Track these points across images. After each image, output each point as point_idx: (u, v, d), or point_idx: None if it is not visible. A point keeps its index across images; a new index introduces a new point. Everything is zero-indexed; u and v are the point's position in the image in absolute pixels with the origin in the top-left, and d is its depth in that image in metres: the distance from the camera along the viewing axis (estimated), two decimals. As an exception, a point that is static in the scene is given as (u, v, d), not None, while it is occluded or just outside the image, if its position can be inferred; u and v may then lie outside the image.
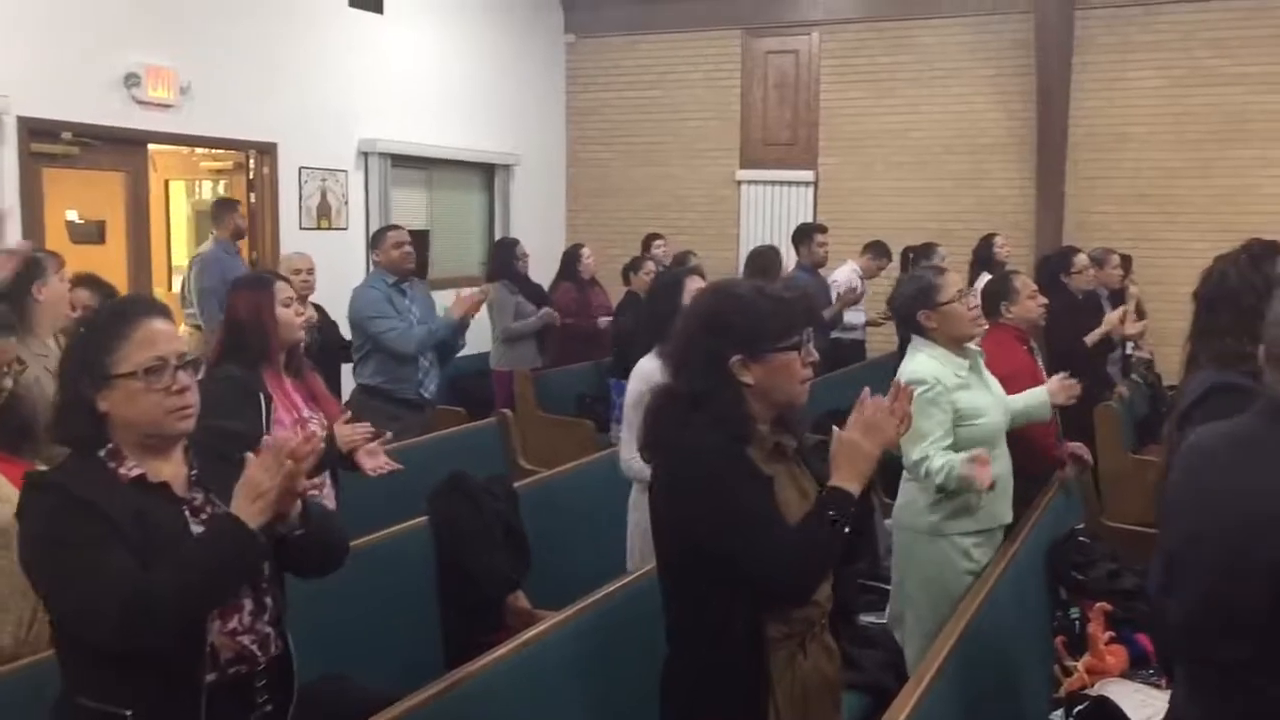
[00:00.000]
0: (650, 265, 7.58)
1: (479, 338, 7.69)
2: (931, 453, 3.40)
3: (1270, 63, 8.52)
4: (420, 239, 8.02)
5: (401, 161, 8.92)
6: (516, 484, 4.26)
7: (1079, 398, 4.08)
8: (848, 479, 2.12)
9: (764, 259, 7.09)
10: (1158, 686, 3.32)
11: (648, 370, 3.38)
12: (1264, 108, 8.55)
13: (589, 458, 4.90)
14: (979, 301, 4.00)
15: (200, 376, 2.06)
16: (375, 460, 3.28)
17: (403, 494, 3.86)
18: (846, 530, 2.09)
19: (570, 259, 7.91)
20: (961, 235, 8.65)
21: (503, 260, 7.41)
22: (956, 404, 3.49)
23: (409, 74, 8.93)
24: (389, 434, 3.42)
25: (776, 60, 10.18)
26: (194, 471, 2.04)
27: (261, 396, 3.22)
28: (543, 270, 8.08)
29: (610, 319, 7.57)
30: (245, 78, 7.42)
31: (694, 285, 3.52)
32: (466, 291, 5.69)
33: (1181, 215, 8.79)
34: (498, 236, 9.40)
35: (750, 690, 2.15)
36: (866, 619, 4.13)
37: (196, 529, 1.97)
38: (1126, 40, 8.93)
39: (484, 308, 5.85)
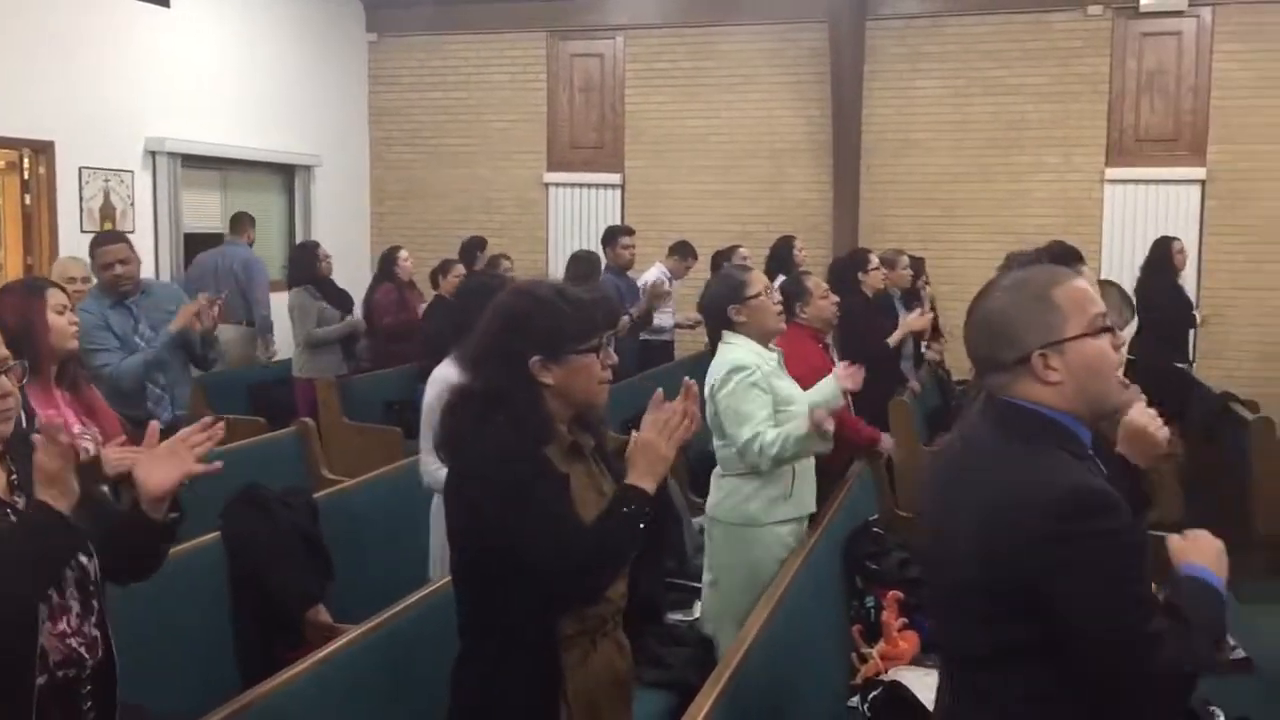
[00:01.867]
0: (459, 269, 7.50)
1: (286, 345, 7.44)
2: (761, 430, 3.51)
3: (1044, 74, 9.09)
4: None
5: (193, 162, 8.54)
6: (318, 494, 4.13)
7: (876, 392, 4.26)
8: (642, 477, 2.15)
9: (585, 264, 7.11)
10: (946, 668, 3.47)
11: (444, 376, 3.33)
12: (1038, 117, 9.12)
13: (393, 465, 4.79)
14: (781, 298, 4.13)
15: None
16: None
17: (194, 510, 3.67)
18: (641, 527, 2.12)
19: (388, 261, 7.74)
20: (763, 237, 8.85)
21: (303, 264, 7.17)
22: (775, 391, 3.61)
23: (201, 70, 8.56)
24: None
25: (582, 63, 10.23)
26: (14, 476, 2.00)
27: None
28: (347, 274, 7.87)
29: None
30: (16, 71, 6.96)
31: None
32: (188, 308, 4.93)
33: (967, 218, 9.28)
34: (299, 239, 9.11)
35: (541, 687, 2.16)
36: (675, 617, 4.19)
37: None
38: (914, 50, 9.37)
39: (287, 312, 5.57)
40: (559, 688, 2.16)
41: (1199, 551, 1.85)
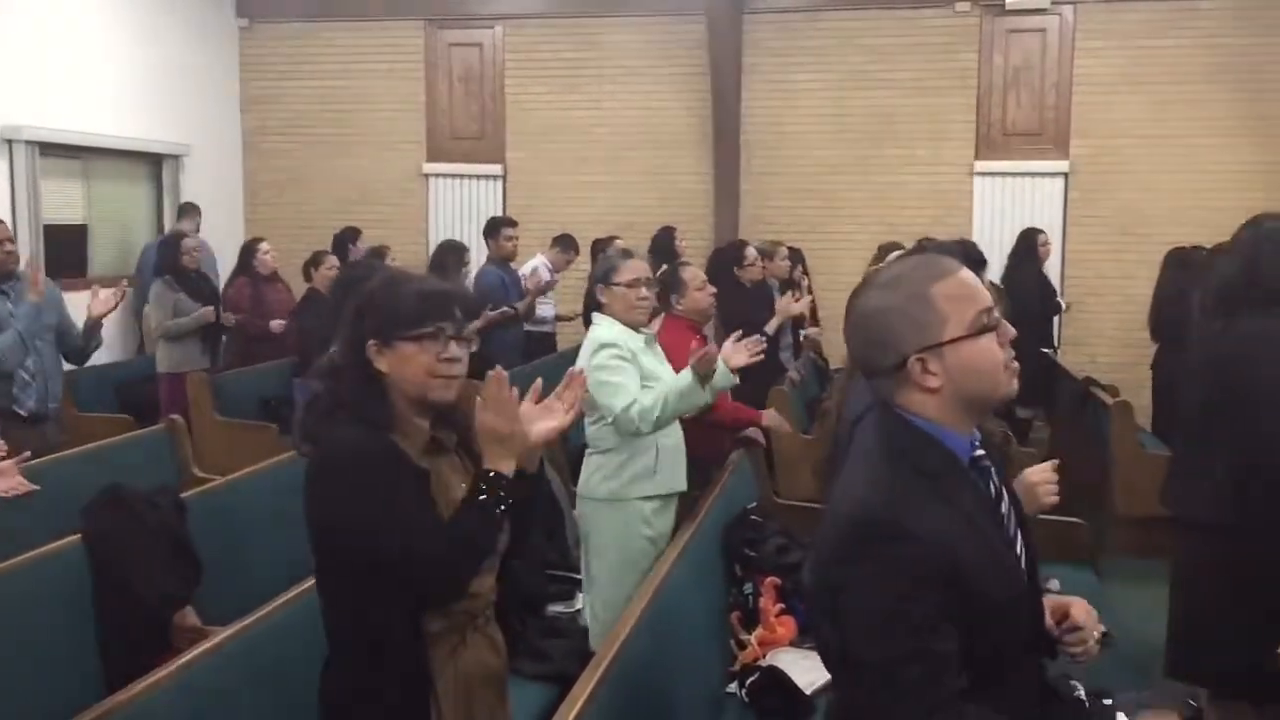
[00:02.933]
0: (332, 260, 7.35)
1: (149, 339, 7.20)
2: (638, 396, 3.56)
3: (915, 69, 9.32)
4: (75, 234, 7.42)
5: (52, 150, 8.19)
6: (188, 493, 4.02)
7: (755, 381, 4.32)
8: (495, 460, 2.10)
9: (447, 253, 7.05)
10: (821, 651, 3.55)
11: None
12: (911, 111, 9.34)
13: (269, 461, 4.68)
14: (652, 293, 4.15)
15: None
16: (7, 481, 3.00)
17: (54, 512, 3.55)
18: (503, 511, 2.08)
19: (247, 253, 7.56)
20: (646, 229, 8.87)
21: (166, 256, 6.96)
22: (641, 367, 3.65)
23: (60, 55, 8.20)
24: (28, 453, 3.13)
25: (461, 53, 10.13)
26: None
27: None
28: (223, 267, 7.67)
29: (282, 321, 7.27)
30: None
31: None
32: (105, 292, 5.12)
33: (844, 209, 9.46)
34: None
35: (410, 687, 2.12)
36: (556, 609, 4.19)
37: None
38: (792, 44, 9.50)
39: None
40: (428, 686, 2.13)
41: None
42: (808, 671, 3.39)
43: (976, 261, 3.13)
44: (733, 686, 3.48)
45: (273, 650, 2.76)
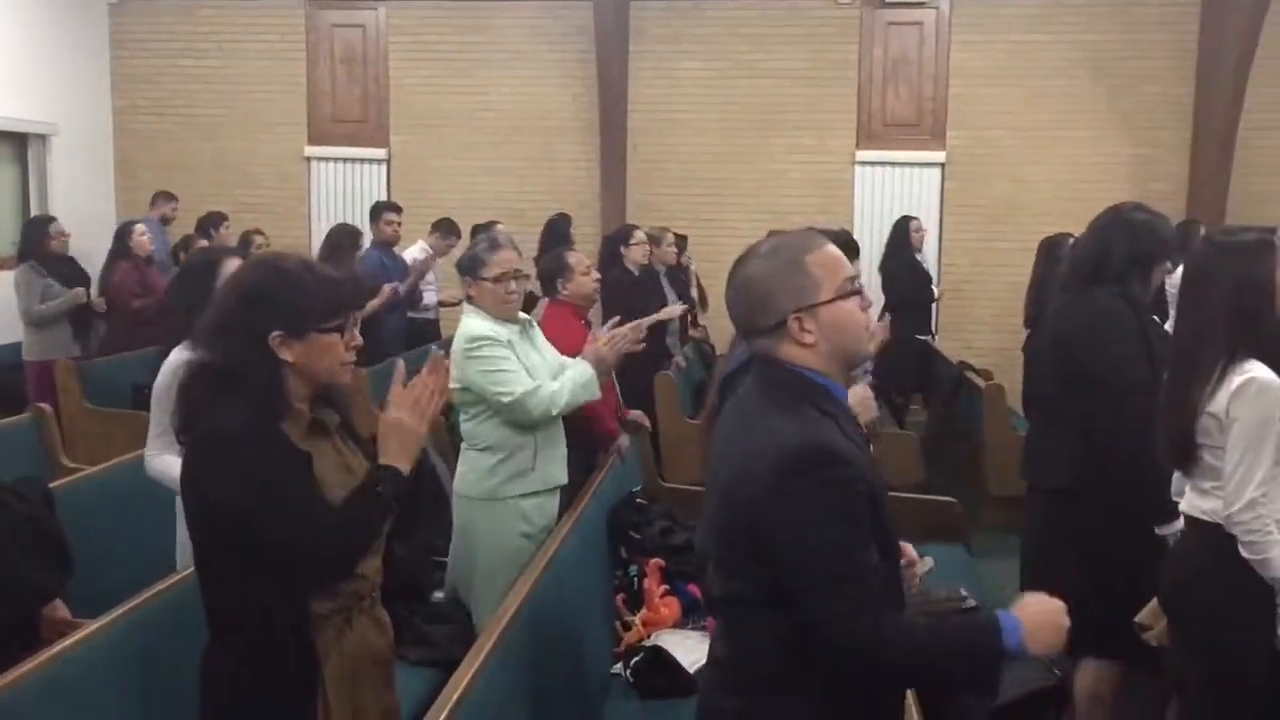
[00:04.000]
0: (203, 244, 7.17)
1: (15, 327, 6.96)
2: (529, 385, 3.51)
3: (799, 59, 9.47)
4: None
5: (-93, 128, 7.82)
6: (57, 484, 3.88)
7: (640, 367, 4.35)
8: (396, 457, 2.14)
9: (341, 237, 6.94)
10: (704, 630, 3.61)
11: (177, 363, 3.14)
12: (794, 100, 9.49)
13: (140, 452, 4.54)
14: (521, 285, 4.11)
15: None
16: None
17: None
18: (393, 506, 2.12)
19: (122, 236, 7.31)
20: (533, 215, 8.85)
21: (32, 239, 6.72)
22: (519, 355, 3.62)
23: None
24: None
25: (343, 34, 9.94)
26: None
27: None
28: (96, 250, 7.41)
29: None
30: None
31: (231, 266, 3.34)
32: None
33: (730, 197, 9.56)
34: (34, 213, 8.49)
35: (295, 670, 2.11)
36: (441, 595, 4.16)
37: None
38: (678, 32, 9.56)
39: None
40: (314, 669, 2.12)
41: (1039, 612, 1.80)
42: (690, 651, 3.45)
43: (853, 250, 3.26)
44: (618, 667, 3.52)
45: (145, 641, 2.70)
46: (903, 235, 8.36)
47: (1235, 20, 8.46)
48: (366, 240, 7.63)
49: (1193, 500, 2.78)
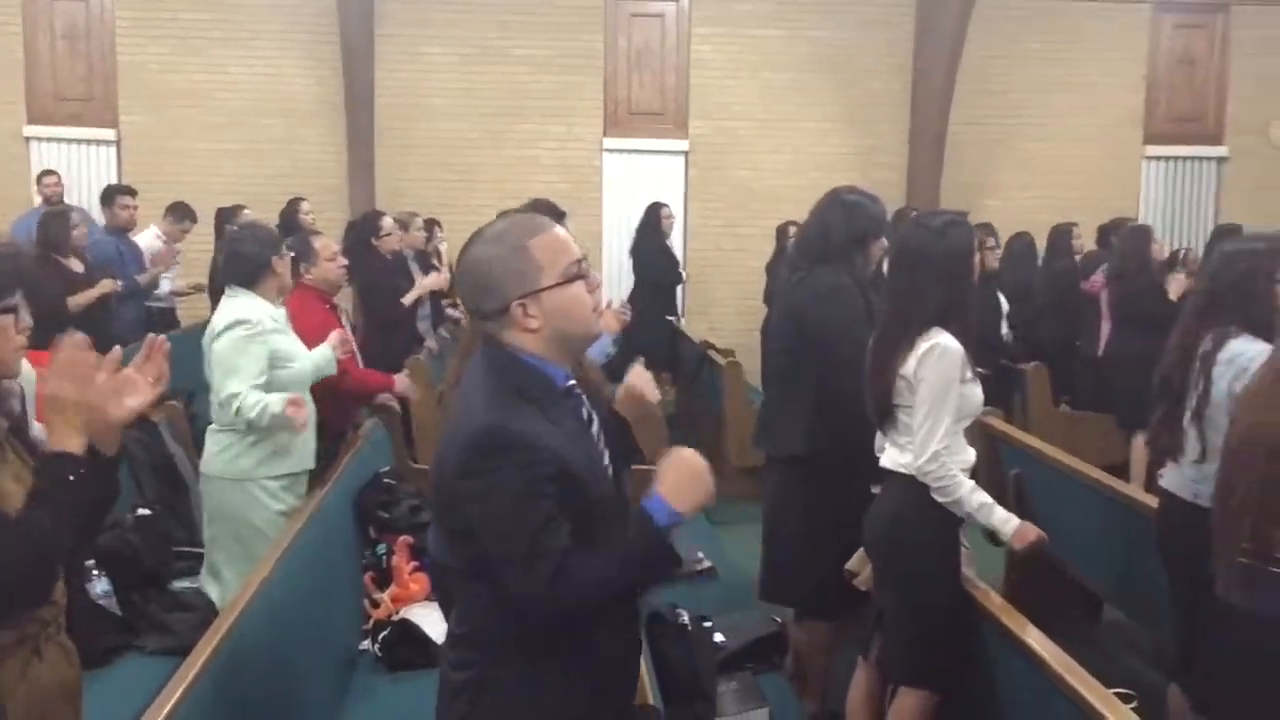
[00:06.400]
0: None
1: None
2: (243, 389, 3.51)
3: (546, 47, 9.61)
4: None
5: None
6: None
7: (392, 350, 4.37)
8: (62, 438, 1.88)
9: (47, 224, 6.56)
10: (452, 602, 3.69)
11: None
12: (543, 88, 9.63)
13: None
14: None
15: None
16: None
17: None
18: (71, 497, 1.88)
19: None
20: (277, 199, 8.60)
21: None
22: (275, 346, 3.61)
23: None
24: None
25: (65, 8, 9.36)
26: None
27: None
28: None
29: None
30: None
31: None
32: None
33: (480, 182, 9.60)
34: None
35: None
36: (183, 584, 4.07)
37: None
38: (425, 17, 9.52)
39: None
40: None
41: (673, 473, 1.88)
42: (439, 624, 3.51)
43: (558, 214, 3.42)
44: (366, 643, 3.56)
45: None
46: (653, 221, 8.67)
47: (945, 22, 9.20)
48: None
49: (891, 455, 3.08)
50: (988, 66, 9.71)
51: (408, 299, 6.56)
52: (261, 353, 3.60)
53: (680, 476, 1.87)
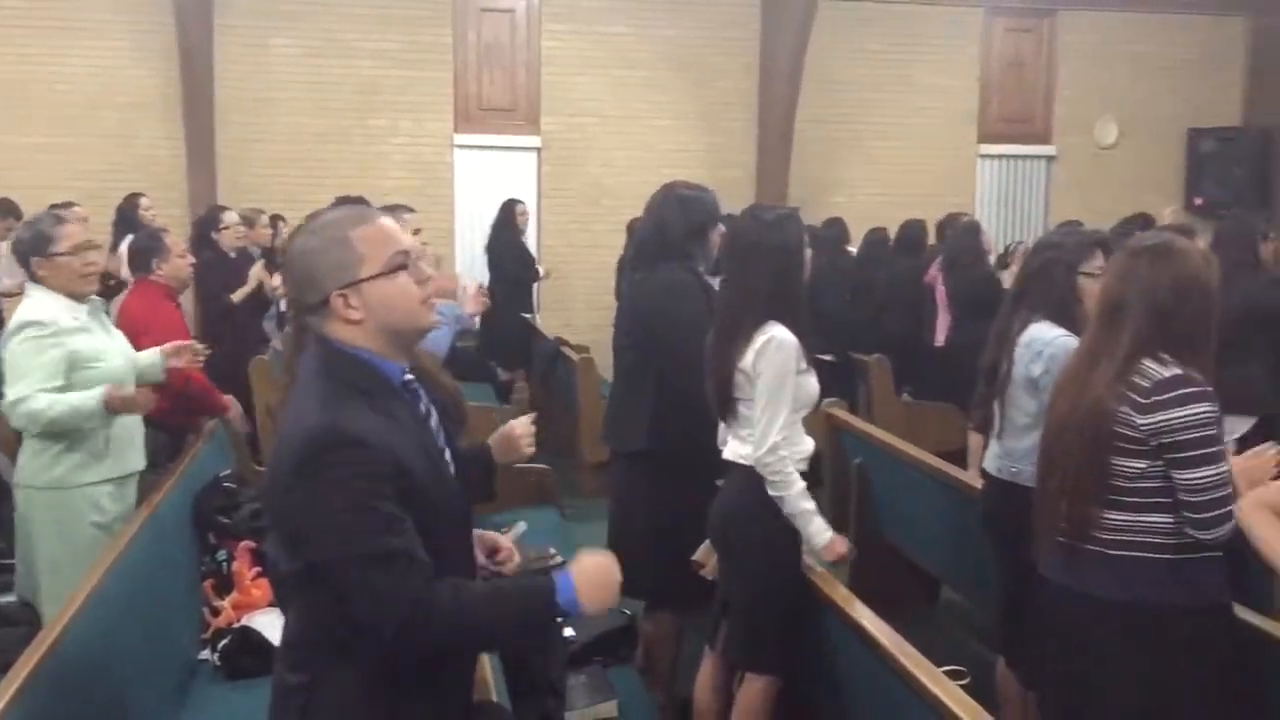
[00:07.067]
0: None
1: None
2: (30, 392, 3.36)
3: (394, 41, 9.46)
4: None
5: None
6: None
7: (233, 350, 4.26)
8: None
9: None
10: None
11: None
12: (392, 82, 9.48)
13: None
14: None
15: None
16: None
17: None
18: None
19: None
20: (114, 195, 8.25)
21: None
22: (75, 348, 3.45)
23: None
24: None
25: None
26: None
27: None
28: None
29: None
30: None
31: None
32: None
33: (329, 179, 9.31)
34: None
35: None
36: (4, 599, 3.89)
37: None
38: (268, 8, 9.25)
39: None
40: None
41: (594, 573, 1.88)
42: (281, 630, 3.44)
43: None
44: (205, 653, 3.46)
45: None
46: (509, 217, 8.63)
47: (789, 22, 9.41)
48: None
49: (734, 447, 3.14)
50: (832, 66, 9.98)
51: (237, 296, 6.46)
52: (56, 356, 3.41)
53: (597, 576, 1.87)
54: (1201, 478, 2.40)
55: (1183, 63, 10.64)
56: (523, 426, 2.37)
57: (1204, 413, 2.41)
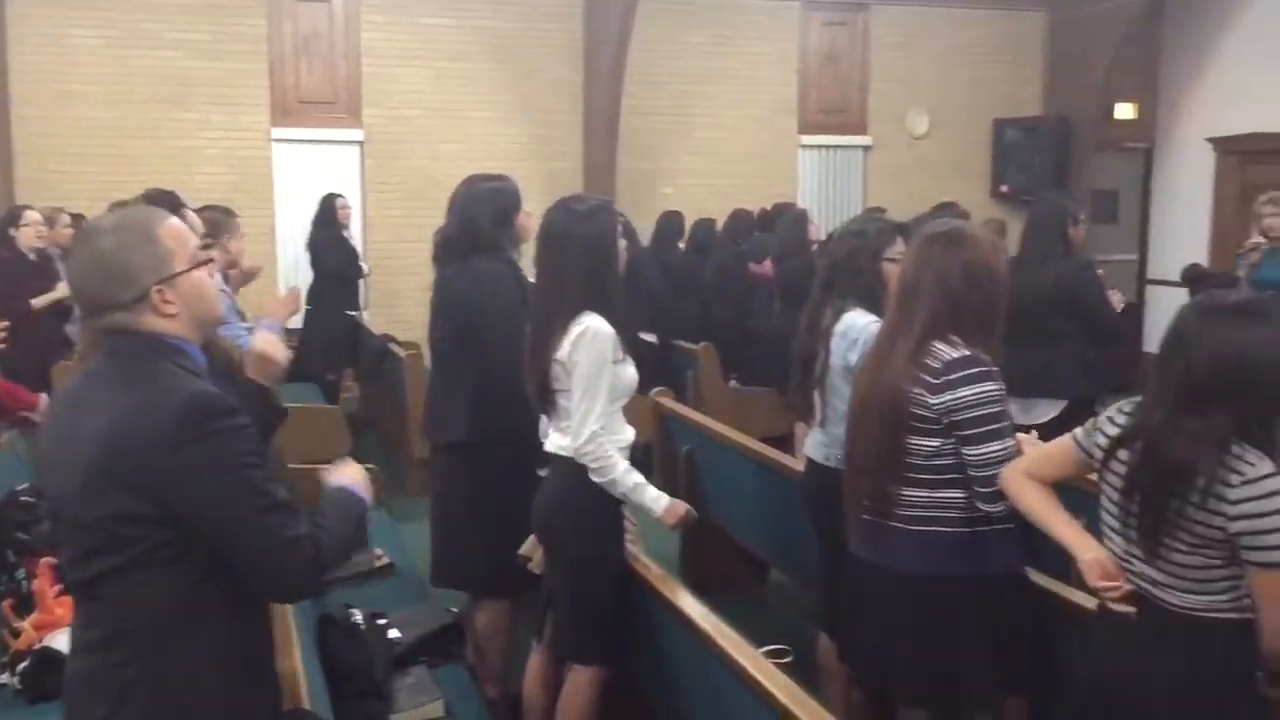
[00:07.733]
0: None
1: None
2: None
3: (203, 31, 9.10)
4: None
5: None
6: None
7: (34, 354, 4.04)
8: None
9: None
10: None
11: None
12: (204, 74, 9.12)
13: None
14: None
15: None
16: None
17: None
18: None
19: None
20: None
21: None
22: None
23: None
24: None
25: None
26: None
27: None
28: None
29: None
30: None
31: None
32: None
33: (137, 175, 8.89)
34: None
35: None
36: None
37: None
38: (64, -2, 8.79)
39: None
40: None
41: (351, 473, 2.17)
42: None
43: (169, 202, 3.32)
44: (4, 676, 3.27)
45: None
46: (329, 212, 8.42)
47: (611, 14, 9.44)
48: None
49: (555, 439, 3.15)
50: (656, 58, 10.06)
51: (38, 302, 6.15)
52: None
53: (353, 474, 2.17)
54: (988, 452, 2.53)
55: (988, 56, 11.12)
56: (264, 339, 2.29)
57: (990, 391, 2.54)
